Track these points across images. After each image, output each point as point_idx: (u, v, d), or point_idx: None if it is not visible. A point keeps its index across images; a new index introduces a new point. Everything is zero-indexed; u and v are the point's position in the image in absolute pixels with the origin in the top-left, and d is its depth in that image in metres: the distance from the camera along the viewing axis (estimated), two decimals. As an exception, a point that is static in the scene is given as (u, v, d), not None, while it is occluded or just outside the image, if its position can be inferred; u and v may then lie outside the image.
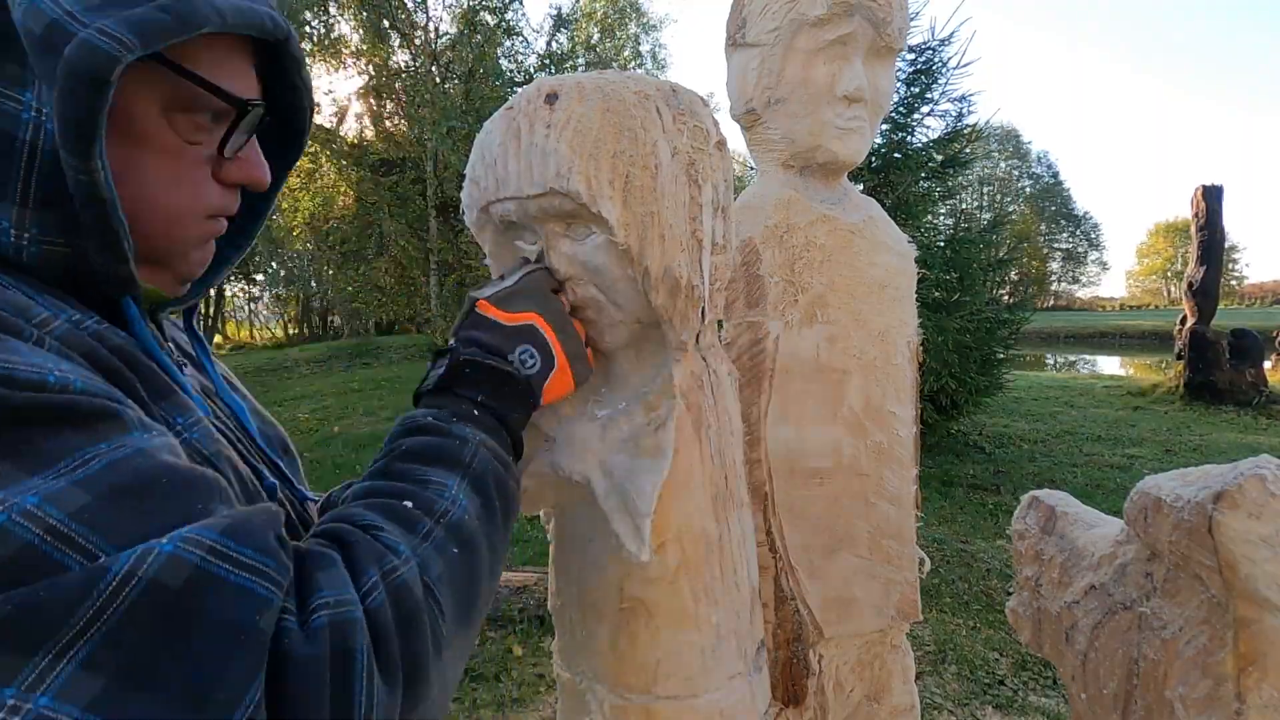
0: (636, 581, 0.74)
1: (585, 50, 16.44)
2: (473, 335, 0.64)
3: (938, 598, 3.33)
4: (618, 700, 0.76)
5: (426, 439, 0.56)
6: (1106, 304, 58.10)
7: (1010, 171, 49.75)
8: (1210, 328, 8.77)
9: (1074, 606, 0.87)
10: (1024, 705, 2.53)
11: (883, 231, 1.15)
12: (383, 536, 0.47)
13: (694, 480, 0.75)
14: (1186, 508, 0.70)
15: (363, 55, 13.34)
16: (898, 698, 1.16)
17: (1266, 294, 55.77)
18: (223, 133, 0.55)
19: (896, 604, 1.13)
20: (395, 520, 0.49)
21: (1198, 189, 8.86)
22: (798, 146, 1.08)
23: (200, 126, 0.53)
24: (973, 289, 5.93)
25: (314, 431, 7.25)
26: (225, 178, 0.57)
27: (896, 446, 1.13)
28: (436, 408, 0.60)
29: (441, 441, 0.56)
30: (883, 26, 1.03)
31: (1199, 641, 0.70)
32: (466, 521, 0.52)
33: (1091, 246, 52.80)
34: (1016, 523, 1.00)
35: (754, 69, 1.07)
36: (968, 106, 6.15)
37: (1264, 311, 35.85)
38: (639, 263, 0.69)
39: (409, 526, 0.49)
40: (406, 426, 0.58)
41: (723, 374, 0.81)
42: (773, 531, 1.06)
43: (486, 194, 0.73)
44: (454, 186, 12.26)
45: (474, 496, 0.54)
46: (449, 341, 0.66)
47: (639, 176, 0.67)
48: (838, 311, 1.09)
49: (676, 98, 0.72)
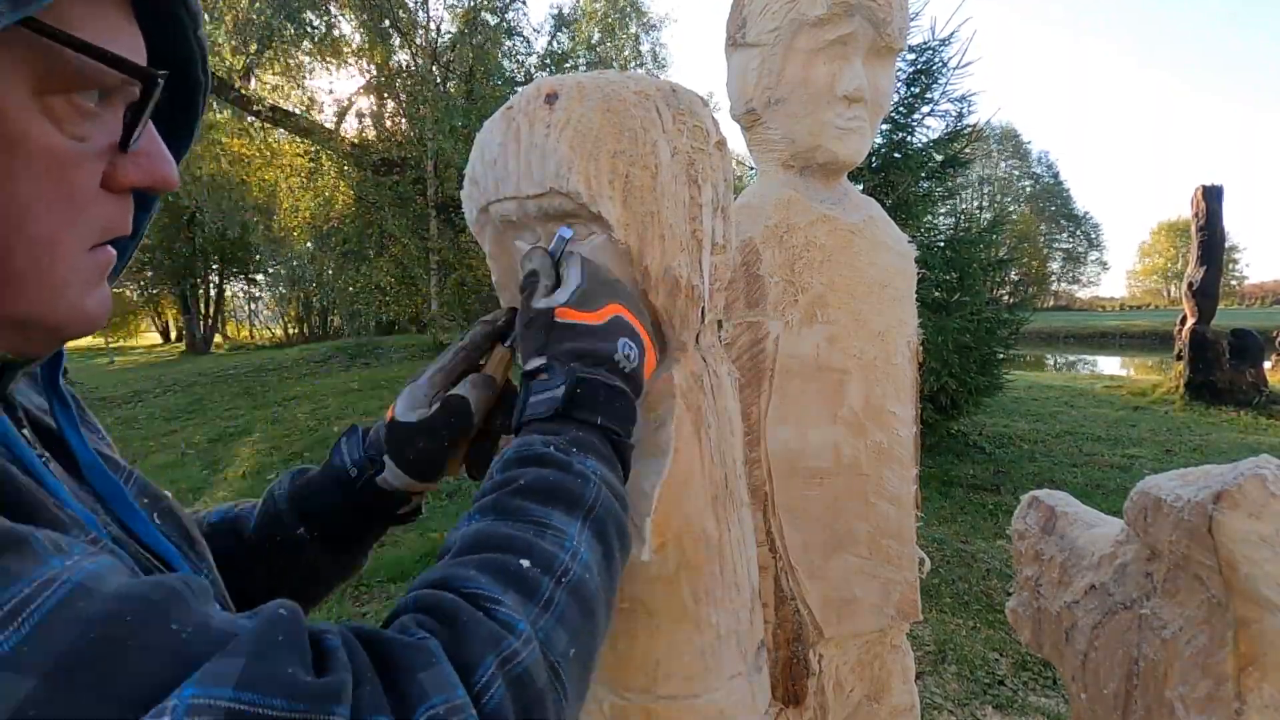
0: (636, 581, 0.74)
1: (585, 50, 16.44)
2: (571, 349, 0.57)
3: (938, 598, 3.33)
4: (618, 700, 0.76)
5: (545, 472, 0.49)
6: (1107, 304, 58.09)
7: (1010, 171, 49.76)
8: (1210, 328, 8.77)
9: (1074, 606, 0.87)
10: (1024, 705, 2.53)
11: (883, 231, 1.15)
12: (498, 612, 0.39)
13: (694, 480, 0.75)
14: (1186, 508, 0.70)
15: (363, 55, 13.34)
16: (898, 698, 1.16)
17: (1266, 294, 55.77)
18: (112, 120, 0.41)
19: (896, 604, 1.13)
20: (510, 585, 0.41)
21: (1198, 189, 8.86)
22: (798, 146, 1.08)
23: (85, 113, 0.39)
24: (973, 289, 5.93)
25: (314, 431, 7.24)
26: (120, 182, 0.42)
27: (896, 446, 1.13)
28: (553, 433, 0.53)
29: (562, 478, 0.49)
30: (883, 26, 1.03)
31: (1199, 641, 0.70)
32: (588, 581, 0.45)
33: (1092, 246, 52.83)
34: (1016, 523, 1.00)
35: (754, 69, 1.07)
36: (968, 106, 6.15)
37: (1264, 311, 35.86)
38: (639, 263, 0.69)
39: (527, 593, 0.41)
40: (522, 455, 0.51)
41: (723, 374, 0.81)
42: (773, 531, 1.06)
43: (486, 194, 0.73)
44: (454, 186, 12.26)
45: (595, 546, 0.47)
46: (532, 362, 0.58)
47: (639, 176, 0.67)
48: (838, 311, 1.09)
49: (676, 98, 0.72)
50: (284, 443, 6.76)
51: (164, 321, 31.67)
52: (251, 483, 5.60)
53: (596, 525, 0.48)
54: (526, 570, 0.42)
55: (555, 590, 0.42)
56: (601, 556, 0.48)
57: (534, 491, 0.48)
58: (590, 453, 0.52)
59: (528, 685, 0.37)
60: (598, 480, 0.50)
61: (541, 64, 15.15)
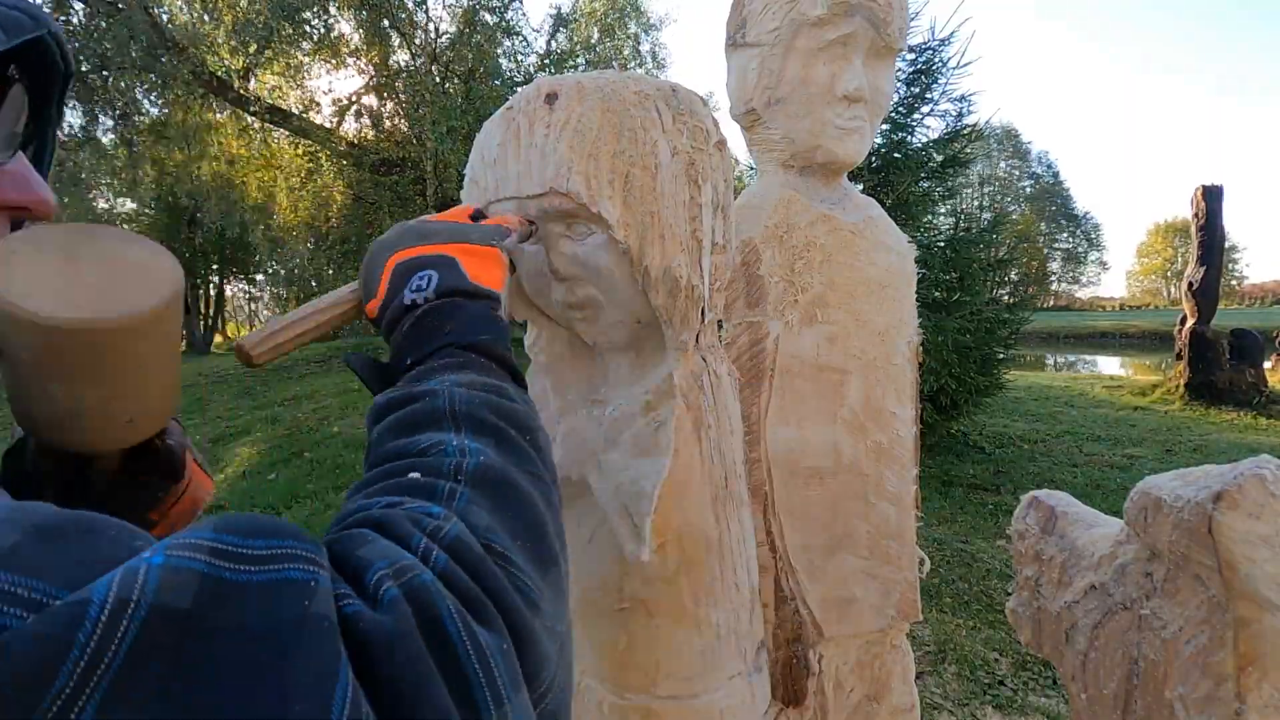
0: (636, 581, 0.74)
1: (585, 50, 16.43)
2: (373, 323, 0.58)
3: (938, 598, 3.33)
4: (618, 700, 0.76)
5: (396, 414, 0.47)
6: (1106, 304, 58.08)
7: (1010, 171, 49.77)
8: (1210, 328, 8.77)
9: (1074, 606, 0.87)
10: (1024, 705, 2.53)
11: (883, 231, 1.15)
12: (407, 505, 0.39)
13: (694, 480, 0.75)
14: (1186, 508, 0.70)
15: (362, 55, 13.34)
16: (898, 698, 1.16)
17: (1266, 294, 55.77)
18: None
19: (896, 604, 1.13)
20: (411, 493, 0.40)
21: (1198, 189, 8.85)
22: (798, 146, 1.08)
23: None
24: (973, 289, 5.92)
25: (314, 431, 7.24)
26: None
27: (896, 446, 1.13)
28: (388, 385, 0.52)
29: (413, 407, 0.47)
30: (883, 26, 1.03)
31: (1199, 641, 0.70)
32: (486, 463, 0.43)
33: (1091, 246, 52.83)
34: (1016, 523, 1.00)
35: (754, 69, 1.07)
36: (968, 106, 6.15)
37: (1264, 311, 35.83)
38: (639, 262, 0.69)
39: (428, 494, 0.40)
40: (373, 415, 0.49)
41: (723, 374, 0.81)
42: (773, 531, 1.06)
43: (486, 194, 0.73)
44: (454, 186, 12.25)
45: (479, 437, 0.45)
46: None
47: (639, 176, 0.67)
48: (838, 311, 1.09)
49: (676, 98, 0.72)
50: (284, 443, 6.75)
51: (164, 322, 31.52)
52: (251, 483, 5.60)
53: (469, 420, 0.46)
54: (419, 480, 0.41)
55: (454, 485, 0.41)
56: (493, 444, 0.45)
57: (393, 431, 0.46)
58: (428, 375, 0.50)
59: (463, 550, 0.36)
60: (445, 387, 0.48)
61: (541, 64, 15.15)
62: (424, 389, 0.47)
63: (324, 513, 4.76)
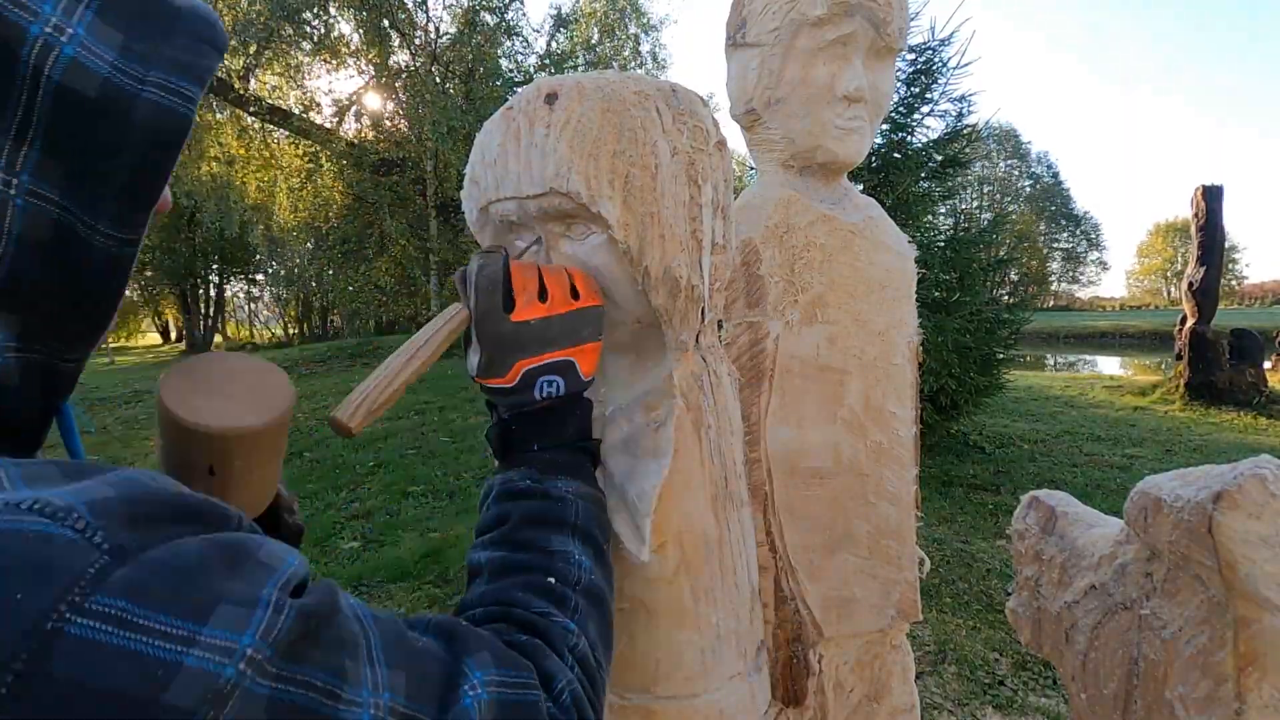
0: (636, 581, 0.73)
1: (585, 50, 16.43)
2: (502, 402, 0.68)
3: (938, 598, 3.33)
4: (617, 700, 0.76)
5: (530, 504, 0.61)
6: (1106, 304, 58.08)
7: (1010, 171, 49.77)
8: (1210, 328, 8.77)
9: (1074, 606, 0.87)
10: (1024, 705, 2.53)
11: (883, 231, 1.15)
12: (555, 620, 0.54)
13: (694, 480, 0.75)
14: (1186, 508, 0.69)
15: (362, 55, 13.34)
16: (898, 698, 1.16)
17: (1266, 294, 55.77)
18: None
19: (896, 604, 1.13)
20: (553, 601, 0.55)
21: (1198, 189, 8.85)
22: (798, 146, 1.08)
23: None
24: (973, 289, 5.92)
25: (314, 431, 7.24)
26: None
27: (896, 446, 1.13)
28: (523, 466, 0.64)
29: (546, 506, 0.61)
30: (883, 26, 1.03)
31: (1199, 641, 0.70)
32: (594, 581, 0.59)
33: (1091, 246, 52.84)
34: (1016, 523, 1.00)
35: (754, 69, 1.07)
36: (968, 106, 6.15)
37: (1264, 311, 35.84)
38: (639, 263, 0.69)
39: (564, 604, 0.56)
40: (509, 490, 0.63)
41: (723, 374, 0.81)
42: (773, 531, 1.06)
43: (486, 194, 0.73)
44: (454, 186, 12.25)
45: (587, 549, 0.60)
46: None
47: (639, 176, 0.67)
48: (838, 311, 1.09)
49: (676, 98, 0.72)
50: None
51: (164, 321, 31.65)
52: (251, 483, 5.58)
53: (583, 533, 0.61)
54: (555, 586, 0.56)
55: (578, 599, 0.57)
56: (595, 556, 0.61)
57: (529, 523, 0.60)
58: (557, 473, 0.64)
59: (588, 666, 0.54)
60: (573, 496, 0.62)
61: (541, 64, 15.16)
62: (557, 493, 0.62)
63: (324, 512, 4.76)
